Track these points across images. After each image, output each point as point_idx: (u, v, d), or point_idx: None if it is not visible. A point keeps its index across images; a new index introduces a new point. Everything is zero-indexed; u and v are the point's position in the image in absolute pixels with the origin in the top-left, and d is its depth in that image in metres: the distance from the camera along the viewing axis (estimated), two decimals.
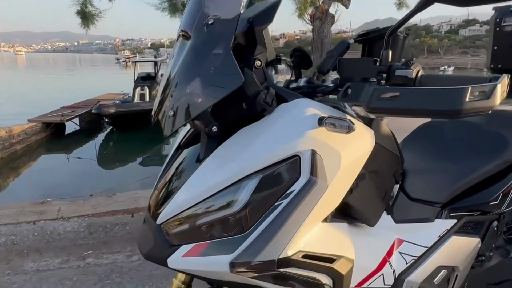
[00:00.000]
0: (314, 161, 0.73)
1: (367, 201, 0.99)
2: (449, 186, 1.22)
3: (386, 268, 1.08)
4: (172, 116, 0.77)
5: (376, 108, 0.73)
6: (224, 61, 0.72)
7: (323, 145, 0.75)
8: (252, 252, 0.72)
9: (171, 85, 0.81)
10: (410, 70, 0.73)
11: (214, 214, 0.75)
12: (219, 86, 0.71)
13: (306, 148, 0.73)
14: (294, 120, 0.77)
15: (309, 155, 0.73)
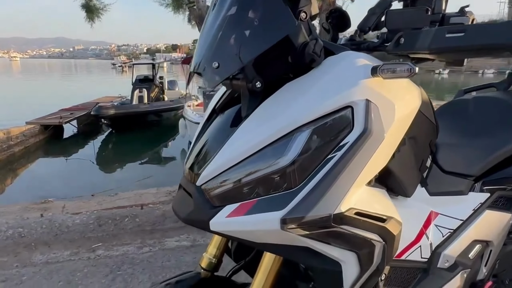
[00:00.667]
0: (369, 111, 0.70)
1: (406, 168, 0.96)
2: (481, 159, 1.19)
3: (424, 240, 1.05)
4: (216, 68, 0.73)
5: (439, 48, 0.69)
6: (275, 6, 0.69)
7: (378, 95, 0.72)
8: (305, 207, 0.68)
9: (212, 38, 0.77)
10: (466, 17, 0.70)
11: (261, 171, 0.71)
12: (271, 31, 0.68)
13: (360, 98, 0.70)
14: (345, 70, 0.73)
15: (364, 105, 0.70)
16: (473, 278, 1.22)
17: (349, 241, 0.74)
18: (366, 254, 0.77)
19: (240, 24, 0.73)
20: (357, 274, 0.78)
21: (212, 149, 0.82)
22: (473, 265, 1.19)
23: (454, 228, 1.13)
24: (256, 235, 0.74)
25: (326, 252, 0.74)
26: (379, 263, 0.79)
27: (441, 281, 1.09)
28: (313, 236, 0.71)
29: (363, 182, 0.74)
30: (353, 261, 0.77)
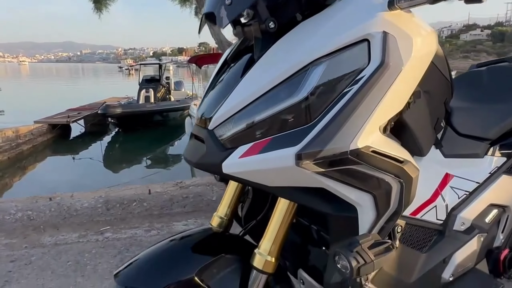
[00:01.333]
0: (387, 42, 0.68)
1: (420, 124, 0.94)
2: (497, 122, 1.17)
3: (439, 200, 1.02)
4: (229, 5, 0.72)
5: None
6: None
7: (395, 28, 0.70)
8: (321, 142, 0.66)
9: None
10: None
11: (275, 108, 0.70)
12: None
13: (377, 30, 0.68)
14: (361, 4, 0.72)
15: (381, 37, 0.68)
16: (489, 245, 1.20)
17: (366, 180, 0.72)
18: (383, 196, 0.75)
19: None
20: (373, 218, 0.76)
21: (223, 95, 0.80)
22: (490, 230, 1.16)
23: (470, 191, 1.10)
24: (269, 177, 0.73)
25: (342, 193, 0.72)
26: (396, 207, 0.77)
27: (457, 243, 1.06)
28: (329, 174, 0.69)
29: (380, 120, 0.72)
30: (369, 204, 0.75)
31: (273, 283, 0.90)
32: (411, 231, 0.98)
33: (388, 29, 0.69)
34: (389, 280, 0.94)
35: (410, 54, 0.72)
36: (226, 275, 0.82)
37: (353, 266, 0.65)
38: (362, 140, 0.69)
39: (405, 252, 0.96)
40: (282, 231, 0.83)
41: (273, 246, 0.83)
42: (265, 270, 0.82)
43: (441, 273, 1.04)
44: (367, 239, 0.70)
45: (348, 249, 0.67)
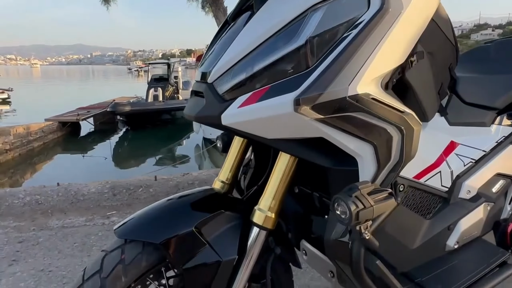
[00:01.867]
0: None
1: (424, 86, 0.92)
2: (504, 92, 1.14)
3: (444, 166, 1.01)
4: None
5: None
6: None
7: None
8: (319, 86, 0.65)
9: None
10: None
11: (274, 56, 0.69)
12: None
13: None
14: None
15: None
16: (496, 216, 1.17)
17: (366, 128, 0.71)
18: (383, 146, 0.74)
19: None
20: (374, 170, 0.75)
21: (223, 50, 0.80)
22: (497, 201, 1.14)
23: (476, 159, 1.08)
24: (268, 127, 0.72)
25: (342, 143, 0.72)
26: (398, 160, 0.76)
27: (463, 211, 1.04)
28: (328, 121, 0.68)
29: (380, 69, 0.71)
30: (370, 155, 0.74)
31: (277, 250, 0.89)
32: (415, 195, 0.97)
33: None
34: (391, 244, 0.93)
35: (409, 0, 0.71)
36: (225, 231, 0.81)
37: (351, 210, 0.64)
38: (361, 87, 0.68)
39: (408, 216, 0.95)
40: (282, 187, 0.83)
41: (273, 202, 0.82)
42: (265, 226, 0.81)
43: (445, 240, 1.03)
44: (367, 185, 0.69)
45: (347, 194, 0.66)
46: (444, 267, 1.00)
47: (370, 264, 0.80)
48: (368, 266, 0.80)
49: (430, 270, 0.99)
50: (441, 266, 1.00)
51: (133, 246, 0.79)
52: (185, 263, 0.76)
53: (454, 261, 1.01)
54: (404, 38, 0.74)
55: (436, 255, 1.02)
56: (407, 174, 0.93)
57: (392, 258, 0.94)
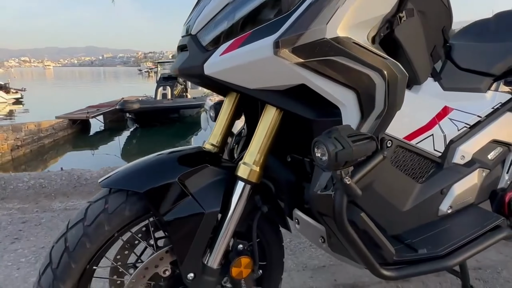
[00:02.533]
0: None
1: (415, 44, 0.91)
2: (501, 58, 1.12)
3: (436, 130, 0.99)
4: None
5: None
6: None
7: None
8: (298, 27, 0.65)
9: None
10: None
11: (254, 1, 0.69)
12: None
13: None
14: None
15: None
16: (493, 185, 1.15)
17: (348, 73, 0.70)
18: (366, 93, 0.73)
19: None
20: (358, 120, 0.75)
21: (207, 2, 0.80)
22: (494, 168, 1.11)
23: (471, 124, 1.06)
24: (250, 75, 0.72)
25: (324, 90, 0.71)
26: (381, 110, 0.75)
27: (457, 175, 1.02)
28: (309, 65, 0.68)
29: (363, 14, 0.71)
30: (353, 103, 0.73)
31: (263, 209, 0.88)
32: (405, 157, 0.95)
33: None
34: (380, 205, 0.92)
35: None
36: (210, 184, 0.81)
37: (330, 151, 0.63)
38: (342, 30, 0.68)
39: (398, 177, 0.93)
40: (266, 141, 0.82)
41: (258, 155, 0.82)
42: (250, 180, 0.81)
43: (438, 204, 1.01)
44: (347, 128, 0.68)
45: (326, 136, 0.65)
46: (436, 230, 0.98)
47: (355, 216, 0.79)
48: (352, 218, 0.79)
49: (421, 233, 0.97)
50: (433, 230, 0.98)
51: (117, 196, 0.79)
52: (167, 213, 0.76)
53: (447, 225, 1.00)
54: None
55: (429, 219, 1.01)
56: (397, 133, 0.92)
57: (381, 219, 0.93)
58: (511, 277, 1.48)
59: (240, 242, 0.87)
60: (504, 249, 1.69)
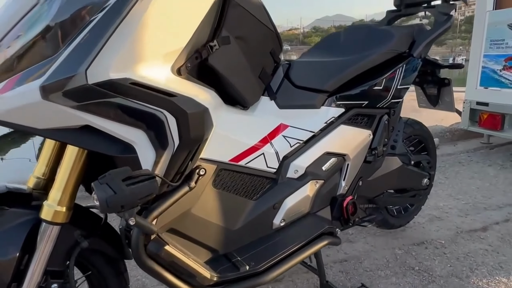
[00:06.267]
0: None
1: (235, 70, 0.94)
2: (335, 74, 1.21)
3: (267, 147, 1.04)
4: None
5: None
6: None
7: None
8: (64, 72, 0.63)
9: None
10: None
11: (23, 41, 0.66)
12: None
13: None
14: None
15: None
16: (333, 192, 1.25)
17: (130, 114, 0.70)
18: (155, 131, 0.73)
19: None
20: (153, 157, 0.75)
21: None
22: (329, 178, 1.21)
23: (304, 140, 1.14)
24: (31, 117, 0.68)
25: (111, 130, 0.70)
26: (178, 144, 0.76)
27: (289, 189, 1.09)
28: (87, 108, 0.66)
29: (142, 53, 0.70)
30: (144, 141, 0.73)
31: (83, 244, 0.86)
32: (234, 178, 0.99)
33: None
34: (209, 228, 0.95)
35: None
36: (10, 229, 0.77)
37: (99, 197, 0.63)
38: (117, 70, 0.66)
39: (226, 199, 0.97)
40: (72, 180, 0.80)
41: (63, 196, 0.79)
42: (55, 221, 0.78)
43: (272, 219, 1.07)
44: (123, 171, 0.68)
45: (99, 181, 0.65)
46: (267, 244, 1.04)
47: (160, 250, 0.80)
48: (157, 251, 0.80)
49: (253, 248, 1.02)
50: (265, 244, 1.04)
51: None
52: None
53: (278, 238, 1.06)
54: (173, 19, 0.73)
55: (263, 234, 1.07)
56: (221, 157, 0.95)
57: (211, 240, 0.96)
58: (371, 267, 1.64)
59: (55, 281, 0.84)
60: (370, 240, 1.87)
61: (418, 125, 1.81)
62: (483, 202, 2.32)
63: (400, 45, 1.33)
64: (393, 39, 1.32)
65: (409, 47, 1.38)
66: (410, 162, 1.64)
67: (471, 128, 3.29)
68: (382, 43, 1.31)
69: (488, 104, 3.06)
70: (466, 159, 3.23)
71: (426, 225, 2.03)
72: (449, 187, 2.58)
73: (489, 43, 3.04)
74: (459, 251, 1.75)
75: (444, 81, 1.71)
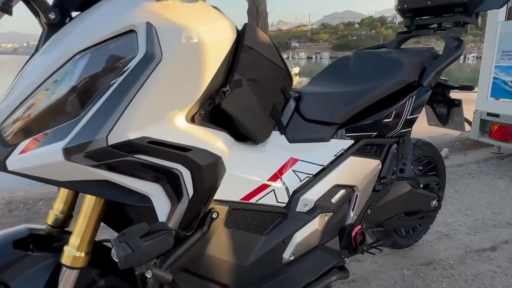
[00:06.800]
0: (152, 34, 0.68)
1: (247, 111, 0.96)
2: (344, 106, 1.22)
3: (277, 183, 1.06)
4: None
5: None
6: None
7: (160, 18, 0.70)
8: (85, 134, 0.66)
9: None
10: None
11: (47, 102, 0.69)
12: None
13: (141, 20, 0.68)
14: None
15: (145, 28, 0.68)
16: (341, 222, 1.27)
17: (147, 171, 0.73)
18: (171, 184, 0.76)
19: None
20: (168, 207, 0.78)
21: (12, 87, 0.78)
22: (338, 209, 1.22)
23: (313, 173, 1.15)
24: (53, 172, 0.71)
25: (129, 185, 0.73)
26: (192, 195, 0.79)
27: (298, 223, 1.11)
28: (106, 167, 0.69)
29: (161, 112, 0.73)
30: (160, 193, 0.76)
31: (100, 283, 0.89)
32: (245, 215, 1.01)
33: (153, 20, 0.69)
34: (220, 265, 0.97)
35: (179, 43, 0.72)
36: (32, 274, 0.80)
37: (119, 256, 0.66)
38: (134, 131, 0.69)
39: (237, 237, 0.99)
40: (91, 226, 0.83)
41: (82, 241, 0.82)
42: (73, 266, 0.81)
43: (281, 253, 1.09)
44: (140, 228, 0.71)
45: (117, 239, 0.68)
46: (277, 279, 1.06)
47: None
48: None
49: (263, 283, 1.05)
50: (274, 279, 1.07)
51: None
52: None
53: (288, 272, 1.09)
54: (190, 77, 0.76)
55: (273, 268, 1.09)
56: (232, 197, 0.97)
57: (222, 277, 0.99)
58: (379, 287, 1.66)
59: None
60: (379, 259, 1.88)
61: (428, 146, 1.81)
62: (493, 218, 2.32)
63: (409, 74, 1.34)
64: (403, 68, 1.32)
65: (419, 75, 1.38)
66: (419, 185, 1.65)
67: (481, 139, 3.27)
68: (391, 72, 1.32)
69: (499, 116, 3.04)
70: (476, 170, 3.21)
71: (434, 243, 2.03)
72: (458, 202, 2.58)
73: (501, 54, 3.02)
74: (467, 273, 1.75)
75: (454, 102, 1.71)
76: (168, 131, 0.75)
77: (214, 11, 0.83)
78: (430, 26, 1.64)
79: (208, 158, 0.80)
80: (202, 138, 0.82)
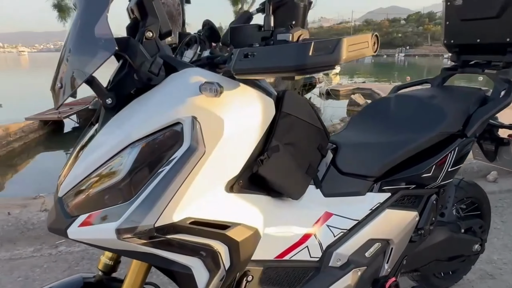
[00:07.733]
0: (194, 127, 0.74)
1: (284, 173, 0.99)
2: (381, 159, 1.22)
3: (311, 240, 1.09)
4: (60, 88, 0.78)
5: (239, 70, 0.73)
6: (100, 28, 0.72)
7: (204, 111, 0.76)
8: (136, 218, 0.73)
9: (63, 57, 0.81)
10: (288, 34, 0.73)
11: (104, 183, 0.77)
12: (91, 57, 0.72)
13: (187, 114, 0.74)
14: (178, 87, 0.78)
15: (190, 121, 0.74)
16: (375, 275, 1.26)
17: (188, 249, 0.78)
18: (210, 259, 0.82)
19: (77, 44, 0.77)
20: (207, 277, 0.83)
21: (75, 161, 0.87)
22: (372, 262, 1.22)
23: (347, 228, 1.16)
24: (104, 243, 0.80)
25: (172, 258, 0.80)
26: (229, 266, 0.84)
27: (331, 279, 1.13)
28: (151, 245, 0.76)
29: (204, 192, 0.78)
30: (199, 265, 0.82)
31: None
32: (279, 272, 1.05)
33: (197, 113, 0.75)
34: None
35: (220, 135, 0.77)
36: None
37: None
38: (179, 214, 0.75)
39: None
40: (139, 279, 0.91)
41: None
42: None
43: None
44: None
45: None
46: None
47: None
48: None
49: None
50: None
51: None
52: None
53: None
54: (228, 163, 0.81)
55: None
56: (267, 255, 1.01)
57: None
58: None
59: None
60: None
61: (471, 187, 1.73)
62: None
63: (453, 125, 1.30)
64: (445, 119, 1.29)
65: (463, 123, 1.34)
66: (460, 230, 1.60)
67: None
68: (433, 122, 1.29)
69: None
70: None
71: (476, 283, 1.95)
72: (505, 235, 2.44)
73: None
74: None
75: (503, 141, 1.63)
76: (208, 206, 0.80)
77: (254, 92, 0.87)
78: (478, 64, 1.57)
79: (245, 233, 0.85)
80: (240, 211, 0.86)
